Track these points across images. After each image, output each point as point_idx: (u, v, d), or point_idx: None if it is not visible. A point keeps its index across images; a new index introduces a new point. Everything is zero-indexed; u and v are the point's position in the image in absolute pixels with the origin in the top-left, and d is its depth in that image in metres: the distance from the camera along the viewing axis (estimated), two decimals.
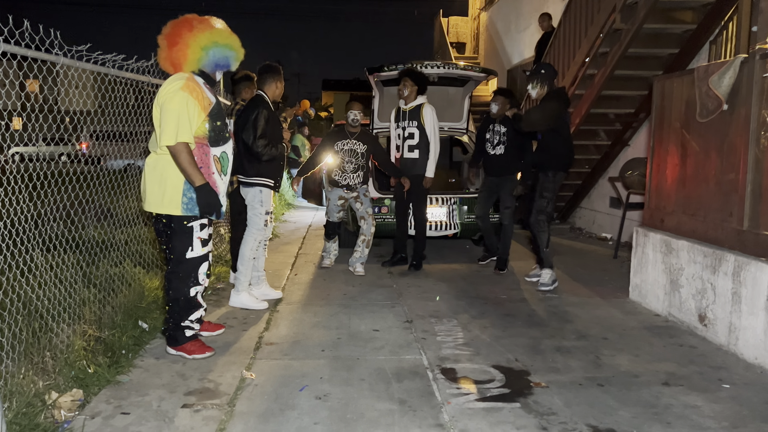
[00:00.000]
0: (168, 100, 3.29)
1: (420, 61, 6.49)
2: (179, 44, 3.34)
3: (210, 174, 3.44)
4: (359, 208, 5.99)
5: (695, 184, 4.40)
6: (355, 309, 4.71)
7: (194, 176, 3.31)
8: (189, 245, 3.46)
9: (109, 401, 2.99)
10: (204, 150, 3.42)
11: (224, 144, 3.54)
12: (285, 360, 3.60)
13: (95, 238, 4.58)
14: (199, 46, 3.36)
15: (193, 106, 3.30)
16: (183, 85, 3.31)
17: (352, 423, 2.81)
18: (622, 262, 6.45)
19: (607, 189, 8.30)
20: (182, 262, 3.48)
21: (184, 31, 3.34)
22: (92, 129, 5.22)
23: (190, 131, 3.30)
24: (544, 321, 4.47)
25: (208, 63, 3.44)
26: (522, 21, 12.49)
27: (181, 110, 3.26)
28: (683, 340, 4.08)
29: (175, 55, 3.37)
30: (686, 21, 6.36)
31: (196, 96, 3.33)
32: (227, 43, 3.45)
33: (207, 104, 3.40)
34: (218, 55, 3.43)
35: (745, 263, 3.73)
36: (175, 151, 3.28)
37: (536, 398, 3.10)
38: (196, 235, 3.47)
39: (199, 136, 3.39)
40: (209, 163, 3.45)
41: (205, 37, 3.36)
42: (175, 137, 3.25)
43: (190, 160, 3.29)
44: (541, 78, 5.10)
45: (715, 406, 3.03)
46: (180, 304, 3.53)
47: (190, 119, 3.28)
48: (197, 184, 3.33)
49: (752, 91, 3.78)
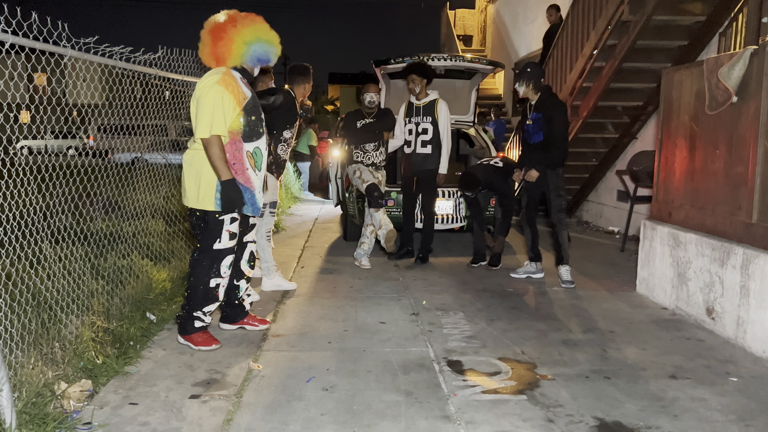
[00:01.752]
0: (204, 93, 3.36)
1: (427, 54, 6.47)
2: (224, 39, 3.40)
3: (245, 170, 3.51)
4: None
5: (704, 177, 4.38)
6: (361, 301, 4.72)
7: (222, 171, 3.37)
8: (218, 236, 3.52)
9: (118, 392, 3.01)
10: (237, 146, 3.47)
11: (258, 139, 3.57)
12: (292, 352, 3.62)
13: (103, 231, 4.60)
14: (244, 41, 3.42)
15: (228, 100, 3.36)
16: (219, 80, 3.37)
17: (359, 414, 2.83)
18: (630, 255, 6.42)
19: (615, 182, 8.26)
20: (208, 252, 3.54)
21: (229, 26, 3.41)
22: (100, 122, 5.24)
23: (225, 125, 3.37)
24: (550, 314, 4.46)
25: (251, 58, 3.50)
26: (529, 13, 12.42)
27: (216, 103, 3.33)
28: (690, 333, 4.06)
29: (220, 50, 3.43)
30: (695, 12, 6.30)
31: (232, 90, 3.39)
32: (269, 39, 3.52)
33: (242, 98, 3.45)
34: (260, 51, 3.50)
35: (753, 256, 3.71)
36: (207, 144, 3.35)
37: (543, 391, 3.10)
38: (226, 228, 3.53)
39: (234, 131, 3.44)
40: (242, 159, 3.50)
41: (249, 32, 3.43)
42: (210, 130, 3.32)
43: (220, 155, 3.35)
44: (527, 76, 5.19)
45: (722, 400, 3.03)
46: (198, 293, 3.58)
47: (225, 113, 3.35)
48: (223, 179, 3.38)
49: (762, 84, 3.75)
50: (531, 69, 5.23)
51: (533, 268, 5.55)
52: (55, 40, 3.12)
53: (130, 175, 4.68)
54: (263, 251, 4.89)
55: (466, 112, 7.38)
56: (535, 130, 5.25)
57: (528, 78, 5.19)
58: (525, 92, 5.25)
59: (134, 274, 4.39)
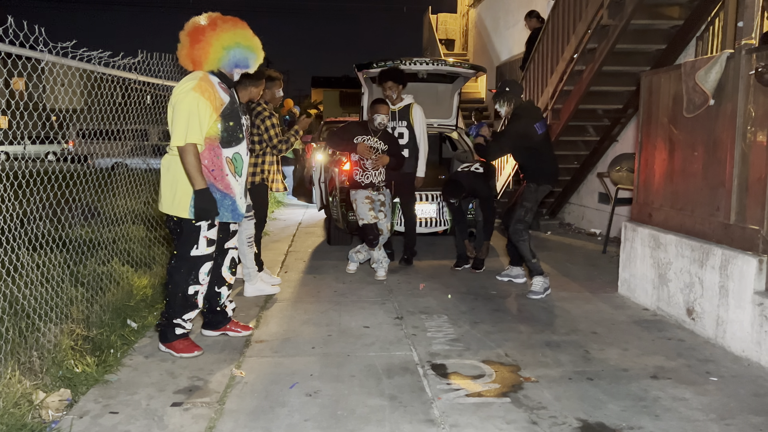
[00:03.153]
0: (179, 100, 3.30)
1: (409, 58, 6.49)
2: (202, 42, 3.34)
3: (224, 176, 3.46)
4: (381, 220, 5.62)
5: (683, 178, 4.43)
6: (345, 306, 4.71)
7: (196, 179, 3.31)
8: (195, 243, 3.47)
9: (98, 400, 2.97)
10: (216, 152, 3.43)
11: (237, 145, 3.52)
12: (275, 357, 3.59)
13: (82, 237, 4.54)
14: (222, 45, 3.36)
15: (204, 106, 3.31)
16: (195, 86, 3.32)
17: (343, 419, 2.81)
18: (611, 257, 6.48)
19: (596, 184, 8.34)
20: (185, 259, 3.49)
21: (208, 29, 3.34)
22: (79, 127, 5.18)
23: (200, 132, 3.31)
24: (533, 316, 4.48)
25: (228, 63, 3.44)
26: (510, 17, 12.51)
27: (191, 111, 3.28)
28: (671, 333, 4.11)
29: (196, 53, 3.37)
30: (673, 17, 6.39)
31: (208, 96, 3.33)
32: (249, 45, 3.45)
33: (219, 104, 3.39)
34: (239, 56, 3.43)
35: (732, 257, 3.76)
36: (182, 152, 3.30)
37: (526, 393, 3.11)
38: (203, 234, 3.48)
39: (211, 137, 3.40)
40: (222, 165, 3.45)
41: (229, 36, 3.36)
42: (185, 138, 3.27)
43: (194, 163, 3.30)
44: (506, 96, 5.08)
45: (703, 399, 3.06)
46: (177, 300, 3.53)
47: (200, 120, 3.30)
48: (196, 188, 3.33)
49: (738, 86, 3.81)
50: (510, 88, 5.10)
51: (514, 272, 5.57)
52: (32, 45, 3.08)
53: (110, 181, 4.62)
54: (245, 257, 4.85)
55: (449, 116, 7.41)
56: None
57: (509, 98, 5.07)
58: (507, 112, 5.13)
59: (114, 281, 4.34)
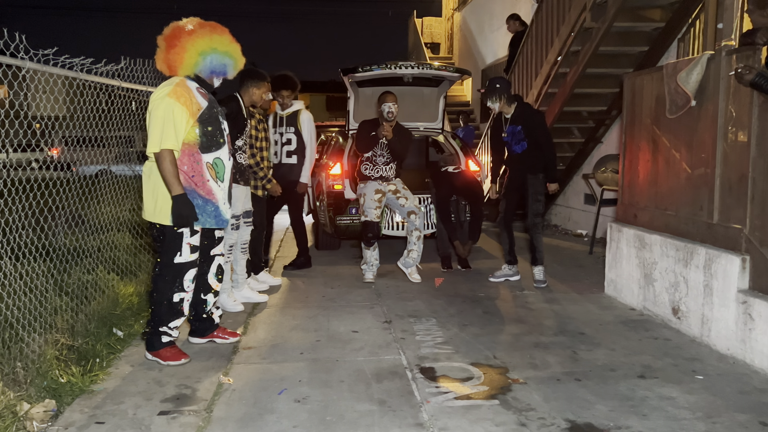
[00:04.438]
0: (155, 107, 3.28)
1: (394, 62, 6.50)
2: (177, 47, 3.31)
3: (206, 182, 3.43)
4: (405, 204, 5.59)
5: (666, 179, 4.48)
6: (334, 311, 4.69)
7: (173, 185, 3.28)
8: (178, 250, 3.43)
9: (83, 411, 2.94)
10: (195, 158, 3.39)
11: (217, 149, 3.47)
12: (263, 364, 3.58)
13: (66, 246, 4.50)
14: (197, 50, 3.33)
15: (180, 112, 3.27)
16: (170, 91, 3.29)
17: (332, 425, 2.80)
18: (598, 257, 6.52)
19: (582, 186, 8.40)
20: (169, 266, 3.45)
21: (184, 34, 3.32)
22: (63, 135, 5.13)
23: (175, 138, 3.28)
24: (522, 318, 4.50)
25: (204, 69, 3.41)
26: (495, 21, 12.58)
27: (166, 117, 3.25)
28: (658, 333, 4.14)
29: (171, 58, 3.34)
30: (655, 19, 6.47)
31: (184, 102, 3.29)
32: (226, 51, 3.42)
33: (196, 109, 3.35)
34: (216, 62, 3.40)
35: (715, 256, 3.80)
36: (158, 158, 3.27)
37: (515, 394, 3.12)
38: (186, 241, 3.44)
39: (190, 142, 3.37)
40: (202, 171, 3.41)
41: (204, 42, 3.33)
42: (159, 144, 3.25)
43: (171, 169, 3.27)
44: (498, 92, 5.31)
45: (689, 397, 3.08)
46: (162, 308, 3.50)
47: (175, 126, 3.26)
48: (173, 194, 3.30)
49: (719, 87, 3.86)
50: (500, 84, 5.35)
51: (511, 271, 5.64)
52: (12, 52, 3.05)
53: (95, 188, 4.58)
54: (237, 263, 4.83)
55: (435, 119, 7.42)
56: (516, 141, 5.35)
57: (499, 93, 5.31)
58: (500, 107, 5.37)
59: (100, 290, 4.30)
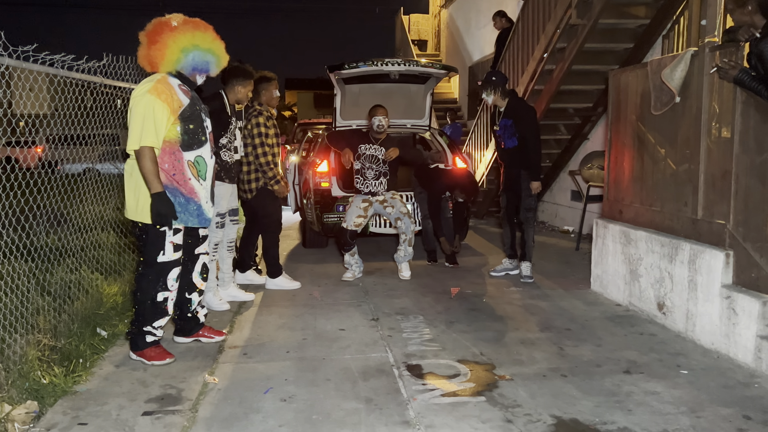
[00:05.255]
0: (135, 104, 3.25)
1: (381, 59, 6.48)
2: (158, 43, 3.29)
3: (187, 180, 3.39)
4: (392, 212, 5.59)
5: (651, 175, 4.50)
6: (320, 309, 4.68)
7: (152, 183, 3.25)
8: (161, 249, 3.41)
9: (66, 412, 2.90)
10: (176, 156, 3.36)
11: (199, 147, 3.44)
12: (249, 363, 3.55)
13: (49, 245, 4.44)
14: (179, 47, 3.30)
15: (160, 109, 3.24)
16: (151, 88, 3.26)
17: (318, 424, 2.79)
18: (584, 253, 6.55)
19: (568, 182, 8.43)
20: (152, 265, 3.43)
21: (166, 30, 3.29)
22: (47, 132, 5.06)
23: (155, 135, 3.24)
24: (508, 314, 4.51)
25: (186, 65, 3.38)
26: (482, 18, 12.58)
27: (146, 114, 3.22)
28: (643, 328, 4.16)
29: (153, 54, 3.31)
30: (640, 16, 6.50)
31: (165, 99, 3.26)
32: (209, 48, 3.39)
33: (177, 106, 3.32)
34: (198, 59, 3.38)
35: (700, 251, 3.83)
36: (138, 155, 3.24)
37: (501, 391, 3.12)
38: (169, 240, 3.42)
39: (171, 140, 3.33)
40: (183, 169, 3.38)
41: (186, 38, 3.31)
42: (139, 141, 3.22)
43: (150, 167, 3.24)
44: (493, 84, 5.41)
45: (674, 392, 3.10)
46: (146, 308, 3.47)
47: (155, 123, 3.23)
48: (153, 191, 3.26)
49: (703, 84, 3.88)
50: (495, 77, 5.45)
51: (511, 265, 5.70)
52: None
53: (78, 186, 4.52)
54: (222, 261, 4.80)
55: (422, 116, 7.41)
56: (508, 135, 5.42)
57: (494, 85, 5.39)
58: (494, 100, 5.45)
59: (83, 289, 4.25)
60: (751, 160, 3.51)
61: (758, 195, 3.47)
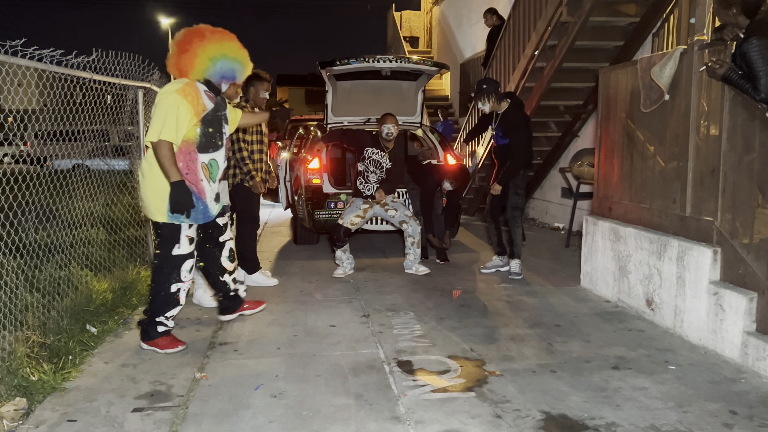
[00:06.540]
0: (161, 100, 3.40)
1: (372, 55, 6.47)
2: (188, 52, 3.44)
3: (198, 181, 3.53)
4: (395, 215, 5.64)
5: (640, 172, 4.53)
6: (311, 305, 4.68)
7: (171, 172, 3.37)
8: (176, 242, 3.56)
9: (55, 409, 2.89)
10: (192, 156, 3.49)
11: (215, 151, 3.60)
12: (239, 359, 3.55)
13: (38, 241, 4.41)
14: (208, 56, 3.46)
15: (184, 108, 3.38)
16: (179, 89, 3.41)
17: (308, 420, 2.79)
18: (574, 250, 6.59)
19: (559, 179, 8.47)
20: (168, 258, 3.57)
21: (195, 39, 3.45)
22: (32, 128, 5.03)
23: (175, 132, 3.37)
24: (498, 310, 4.53)
25: (214, 74, 3.53)
26: (473, 15, 12.60)
27: (170, 110, 3.35)
28: (632, 324, 4.19)
29: (183, 62, 3.46)
30: (630, 14, 6.53)
31: (191, 100, 3.41)
32: (235, 56, 3.55)
33: (201, 110, 3.47)
34: (225, 68, 3.53)
35: (688, 248, 3.86)
36: (156, 146, 3.37)
37: (491, 387, 3.14)
38: (184, 233, 3.57)
39: (189, 140, 3.46)
40: (196, 170, 3.52)
41: (215, 48, 3.47)
42: (158, 134, 3.34)
43: (169, 156, 3.36)
44: (486, 92, 5.43)
45: (662, 388, 3.13)
46: (160, 298, 3.60)
47: (177, 120, 3.37)
48: (172, 180, 3.37)
49: (692, 82, 3.91)
50: (486, 85, 5.46)
51: (501, 261, 5.73)
52: None
53: (68, 182, 4.49)
54: None
55: (413, 113, 7.41)
56: (500, 135, 5.51)
57: (487, 93, 5.42)
58: (491, 107, 5.48)
59: (73, 286, 4.23)
60: (738, 158, 3.54)
61: (745, 192, 3.50)
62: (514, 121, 5.40)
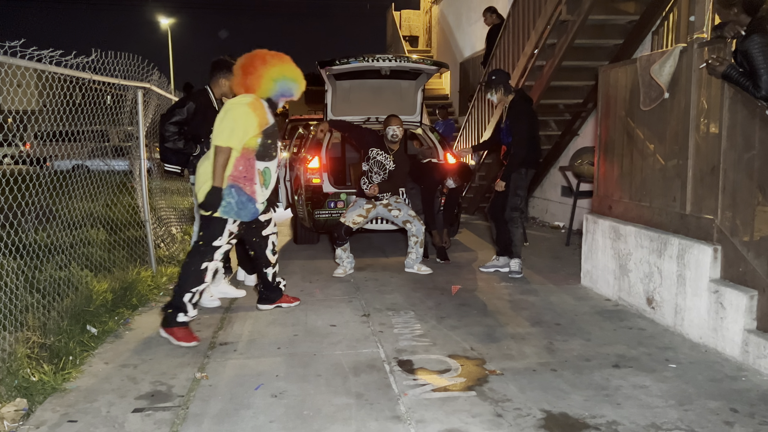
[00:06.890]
0: (233, 108, 3.76)
1: (372, 55, 6.47)
2: (254, 74, 3.82)
3: (254, 184, 3.87)
4: (399, 215, 5.65)
5: (640, 170, 4.53)
6: (312, 305, 4.68)
7: (218, 177, 3.70)
8: (219, 235, 3.86)
9: (55, 409, 2.89)
10: (250, 162, 3.84)
11: (270, 160, 3.94)
12: (240, 359, 3.55)
13: (38, 242, 4.41)
14: (271, 77, 3.84)
15: (252, 120, 3.74)
16: (250, 102, 3.78)
17: (309, 419, 2.79)
18: (574, 249, 6.59)
19: (559, 178, 8.46)
20: (208, 246, 3.86)
21: (258, 63, 3.83)
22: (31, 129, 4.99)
23: (240, 140, 3.73)
24: (498, 309, 4.53)
25: (276, 92, 3.91)
26: (473, 14, 12.59)
27: (239, 119, 3.71)
28: (633, 322, 4.19)
29: (249, 83, 3.84)
30: (629, 12, 6.52)
31: (259, 114, 3.78)
32: (293, 76, 3.93)
33: (264, 123, 3.83)
34: (285, 87, 3.92)
35: (688, 246, 3.86)
36: (218, 150, 3.68)
37: (491, 386, 3.14)
38: (228, 228, 3.89)
39: (249, 148, 3.80)
40: (254, 175, 3.86)
41: (277, 70, 3.85)
42: (226, 140, 3.68)
43: (223, 163, 3.69)
44: (495, 83, 5.46)
45: (662, 386, 3.13)
46: (190, 274, 3.84)
47: (245, 130, 3.72)
48: (214, 184, 3.70)
49: (691, 79, 3.90)
50: (495, 76, 5.49)
51: (500, 262, 5.71)
52: None
53: (67, 183, 4.49)
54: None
55: (413, 112, 7.41)
56: (507, 133, 5.49)
57: (495, 84, 5.44)
58: (499, 98, 5.49)
59: (73, 286, 4.23)
60: (738, 156, 3.54)
61: (745, 190, 3.49)
62: (519, 113, 5.37)
